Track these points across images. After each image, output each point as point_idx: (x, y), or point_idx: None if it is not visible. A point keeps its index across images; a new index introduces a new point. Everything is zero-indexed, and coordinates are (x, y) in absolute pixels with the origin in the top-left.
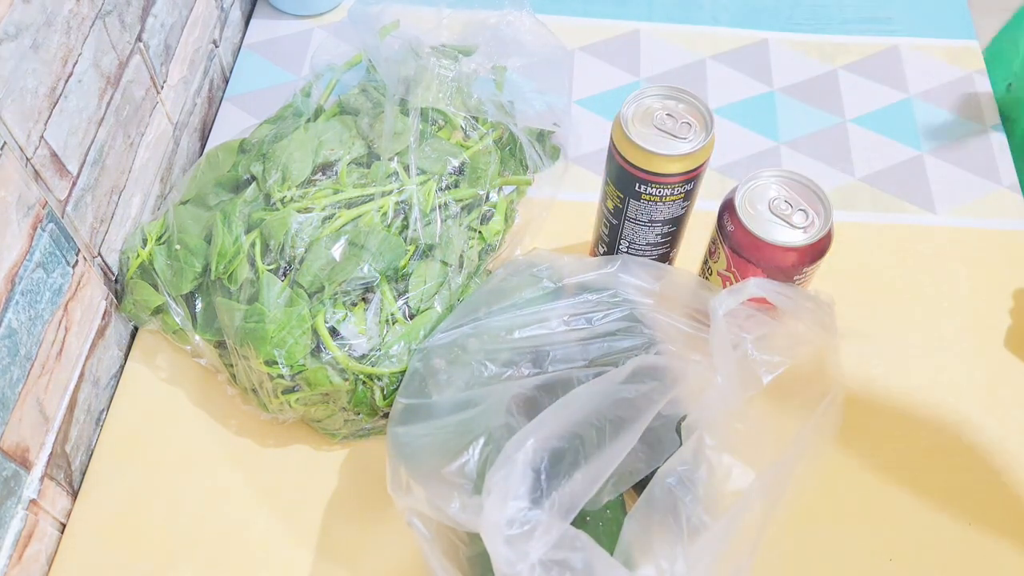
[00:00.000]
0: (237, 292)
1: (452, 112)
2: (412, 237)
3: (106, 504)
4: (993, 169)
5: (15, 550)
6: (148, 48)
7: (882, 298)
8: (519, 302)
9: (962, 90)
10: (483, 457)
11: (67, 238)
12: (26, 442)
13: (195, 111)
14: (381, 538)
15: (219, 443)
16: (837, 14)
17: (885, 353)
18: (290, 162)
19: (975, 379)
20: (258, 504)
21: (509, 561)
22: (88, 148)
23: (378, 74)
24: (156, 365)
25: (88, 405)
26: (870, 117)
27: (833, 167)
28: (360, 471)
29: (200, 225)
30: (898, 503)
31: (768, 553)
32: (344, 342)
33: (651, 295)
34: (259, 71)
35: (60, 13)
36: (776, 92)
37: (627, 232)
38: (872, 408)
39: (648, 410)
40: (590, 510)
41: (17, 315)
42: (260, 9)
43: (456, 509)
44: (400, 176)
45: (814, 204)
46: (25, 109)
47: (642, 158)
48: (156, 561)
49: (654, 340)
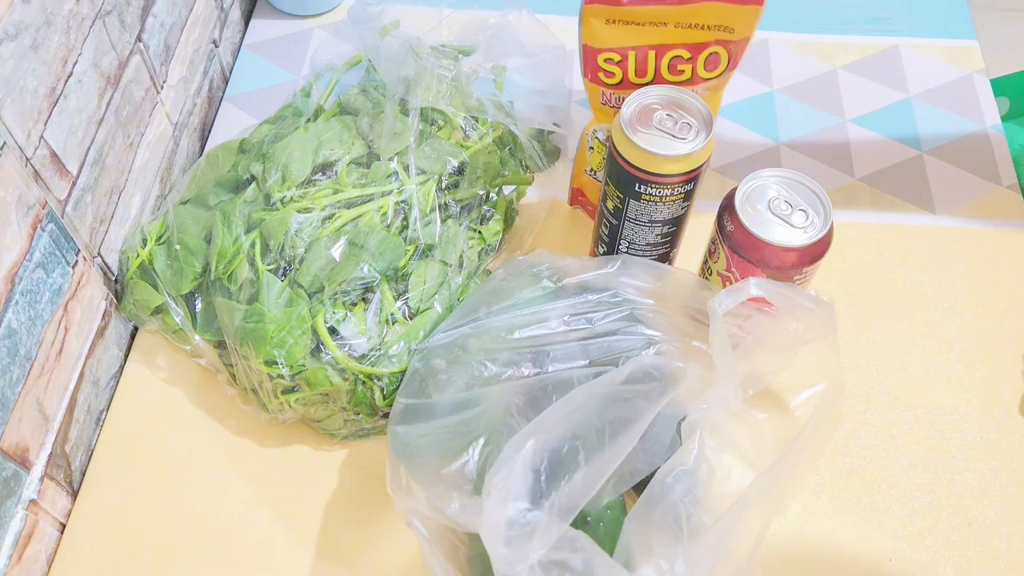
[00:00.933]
0: (237, 292)
1: (452, 112)
2: (412, 237)
3: (106, 504)
4: (993, 169)
5: (15, 550)
6: (148, 48)
7: (882, 298)
8: (519, 302)
9: (962, 90)
10: (483, 458)
11: (67, 238)
12: (26, 442)
13: (195, 111)
14: (381, 538)
15: (219, 443)
16: (837, 14)
17: (885, 353)
18: (290, 162)
19: (975, 379)
20: (258, 504)
21: (509, 562)
22: (88, 148)
23: (378, 74)
24: (156, 365)
25: (88, 405)
26: (870, 117)
27: (833, 167)
28: (360, 471)
29: (200, 225)
30: (898, 503)
31: (768, 553)
32: (344, 342)
33: (651, 295)
34: (259, 71)
35: (60, 13)
36: (776, 92)
37: (627, 232)
38: (871, 408)
39: (648, 410)
40: (590, 510)
41: (17, 315)
42: (260, 9)
43: (456, 510)
44: (400, 176)
45: (814, 204)
46: (25, 109)
47: (642, 158)
48: (156, 561)
49: (654, 340)
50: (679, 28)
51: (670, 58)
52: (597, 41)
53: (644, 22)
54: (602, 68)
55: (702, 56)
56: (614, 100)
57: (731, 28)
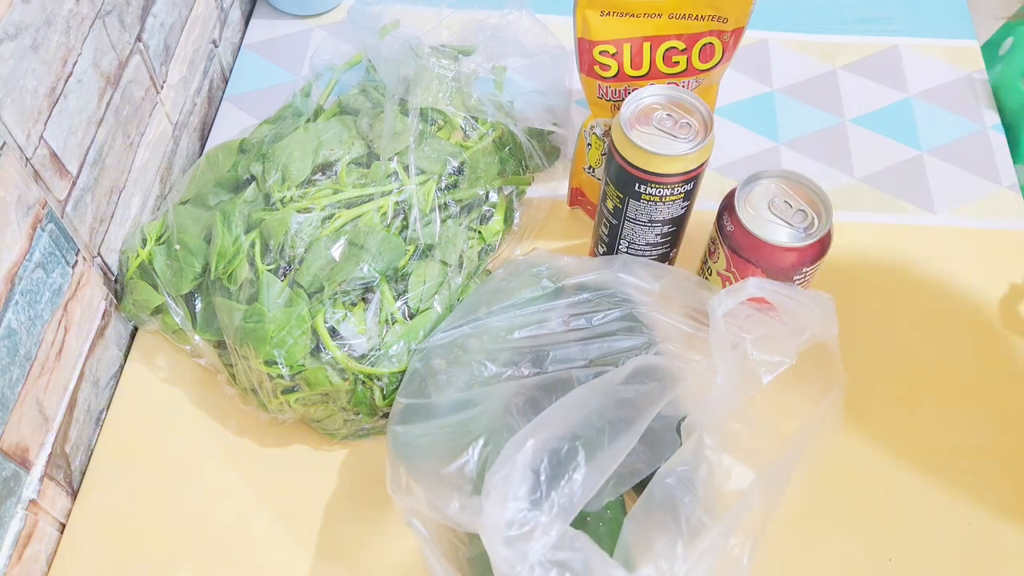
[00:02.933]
0: (237, 292)
1: (452, 112)
2: (412, 237)
3: (106, 504)
4: (993, 169)
5: (15, 550)
6: (148, 48)
7: (882, 298)
8: (519, 302)
9: (962, 90)
10: (483, 458)
11: (67, 238)
12: (26, 442)
13: (195, 111)
14: (381, 538)
15: (219, 443)
16: (837, 14)
17: (885, 353)
18: (290, 162)
19: (975, 379)
20: (257, 504)
21: (508, 562)
22: (88, 148)
23: (378, 74)
24: (156, 365)
25: (88, 405)
26: (870, 117)
27: (833, 167)
28: (360, 471)
29: (200, 225)
30: (898, 503)
31: (768, 553)
32: (344, 342)
33: (651, 295)
34: (259, 71)
35: (60, 13)
36: (776, 92)
37: (627, 232)
38: (872, 408)
39: (648, 410)
40: (590, 510)
41: (17, 315)
42: (260, 9)
43: (456, 510)
44: (400, 176)
45: (814, 204)
46: (25, 109)
47: (642, 158)
48: (156, 561)
49: (654, 340)
50: (673, 19)
51: (665, 49)
52: (592, 34)
53: (638, 13)
54: (598, 61)
55: (696, 47)
56: (610, 94)
57: (724, 18)
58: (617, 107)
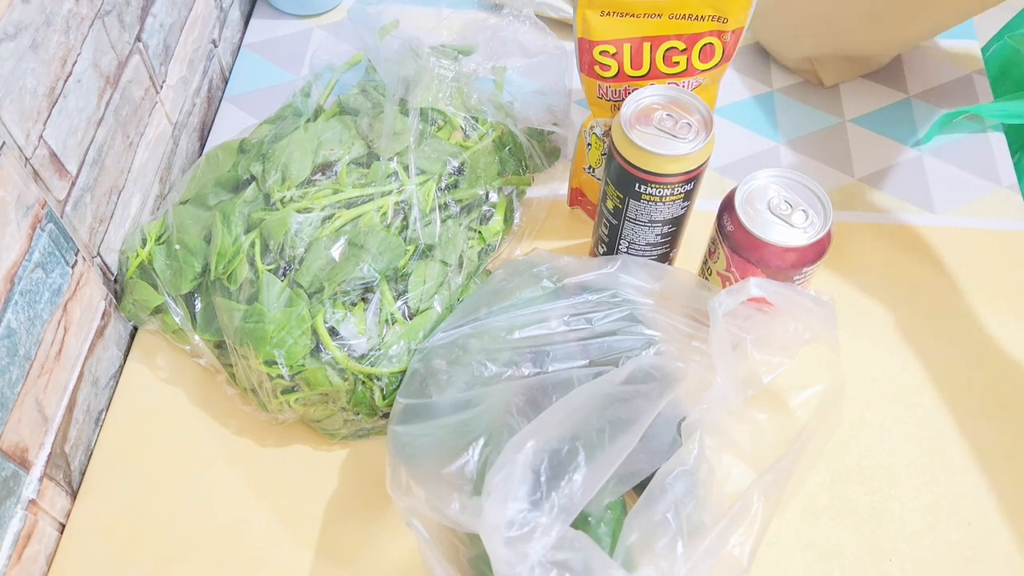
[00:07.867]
0: (237, 292)
1: (452, 112)
2: (412, 237)
3: (106, 504)
4: (993, 169)
5: (14, 550)
6: (147, 48)
7: (882, 298)
8: (519, 302)
9: (962, 90)
10: (483, 458)
11: (66, 238)
12: (25, 442)
13: (194, 111)
14: (381, 538)
15: (219, 443)
16: None
17: (885, 353)
18: (290, 162)
19: (975, 379)
20: (258, 504)
21: (509, 562)
22: (87, 148)
23: (378, 74)
24: (155, 365)
25: (87, 405)
26: (870, 117)
27: (833, 167)
28: (360, 471)
29: (200, 225)
30: (898, 503)
31: (768, 553)
32: (343, 342)
33: (651, 295)
34: (258, 71)
35: (59, 13)
36: (776, 92)
37: (627, 232)
38: (872, 408)
39: (648, 410)
40: (590, 511)
41: (16, 315)
42: (260, 9)
43: (456, 510)
44: (400, 176)
45: (814, 204)
46: (24, 109)
47: (642, 158)
48: (156, 561)
49: (654, 340)
50: (673, 19)
51: (665, 49)
52: (592, 34)
53: (638, 13)
54: (598, 61)
55: (697, 47)
56: (610, 93)
57: (724, 18)
58: (617, 107)
